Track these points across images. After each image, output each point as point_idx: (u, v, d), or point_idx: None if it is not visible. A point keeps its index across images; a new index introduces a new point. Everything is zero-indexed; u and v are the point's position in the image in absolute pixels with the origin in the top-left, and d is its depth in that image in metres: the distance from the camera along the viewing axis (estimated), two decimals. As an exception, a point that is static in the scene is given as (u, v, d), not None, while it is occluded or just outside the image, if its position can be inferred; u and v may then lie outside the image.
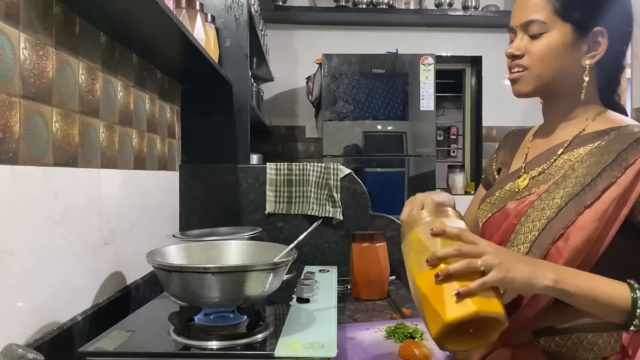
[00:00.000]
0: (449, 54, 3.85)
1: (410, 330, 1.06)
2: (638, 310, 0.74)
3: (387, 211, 1.79)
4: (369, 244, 1.45)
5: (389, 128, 3.15)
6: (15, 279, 0.77)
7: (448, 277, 0.73)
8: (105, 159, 1.11)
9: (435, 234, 0.79)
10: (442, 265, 0.74)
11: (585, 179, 0.83)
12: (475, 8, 3.65)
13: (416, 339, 1.01)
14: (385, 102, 3.15)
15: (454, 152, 5.36)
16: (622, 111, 0.95)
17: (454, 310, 0.70)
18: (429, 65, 3.13)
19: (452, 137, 5.43)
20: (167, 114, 1.58)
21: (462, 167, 4.00)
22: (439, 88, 3.25)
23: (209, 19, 1.62)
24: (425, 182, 3.11)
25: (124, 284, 1.20)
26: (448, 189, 3.74)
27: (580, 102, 0.90)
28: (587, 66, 0.88)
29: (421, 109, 3.13)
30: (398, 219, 1.67)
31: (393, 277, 1.60)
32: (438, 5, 3.68)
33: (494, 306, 0.72)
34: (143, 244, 1.31)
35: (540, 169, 0.92)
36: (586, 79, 0.88)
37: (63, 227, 0.92)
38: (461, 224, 0.83)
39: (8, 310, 0.76)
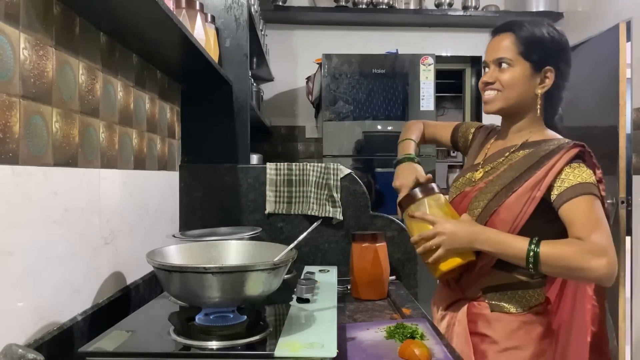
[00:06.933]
0: (449, 54, 3.85)
1: (410, 330, 1.05)
2: (530, 258, 1.09)
3: (386, 211, 1.79)
4: (369, 244, 1.44)
5: (389, 128, 3.15)
6: (15, 279, 0.77)
7: (422, 253, 1.22)
8: (105, 159, 1.11)
9: (414, 217, 1.25)
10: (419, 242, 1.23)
11: (516, 173, 1.20)
12: (475, 8, 3.65)
13: (416, 339, 1.01)
14: (385, 102, 3.14)
15: (454, 152, 5.36)
16: (556, 130, 1.30)
17: (433, 270, 1.23)
18: (429, 65, 3.13)
19: (452, 137, 5.42)
20: (167, 114, 1.58)
21: (462, 167, 3.99)
22: (439, 88, 3.25)
23: (209, 19, 1.62)
24: (425, 182, 3.10)
25: (123, 284, 1.20)
26: (448, 189, 3.73)
27: (529, 119, 1.26)
28: (539, 94, 1.23)
29: (421, 109, 3.13)
30: (398, 219, 1.69)
31: (393, 277, 1.60)
32: (438, 5, 3.68)
33: (453, 262, 1.19)
34: (143, 244, 1.31)
35: (492, 165, 1.28)
36: (539, 101, 1.23)
37: (63, 227, 0.92)
38: (440, 200, 1.27)
39: (8, 310, 0.76)
